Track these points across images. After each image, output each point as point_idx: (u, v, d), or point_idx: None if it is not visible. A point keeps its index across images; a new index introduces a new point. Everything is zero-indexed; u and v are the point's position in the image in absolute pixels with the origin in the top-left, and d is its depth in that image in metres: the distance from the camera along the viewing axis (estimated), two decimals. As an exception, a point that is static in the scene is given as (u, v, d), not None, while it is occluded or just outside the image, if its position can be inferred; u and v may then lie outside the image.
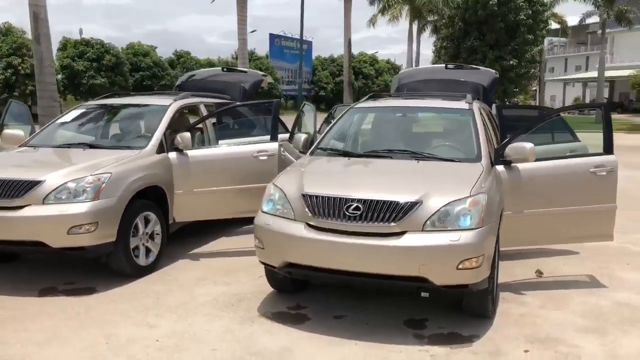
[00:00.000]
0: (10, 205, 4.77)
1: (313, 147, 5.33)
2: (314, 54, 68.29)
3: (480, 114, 5.42)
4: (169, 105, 6.29)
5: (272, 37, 65.09)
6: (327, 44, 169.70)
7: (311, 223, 4.05)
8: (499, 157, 4.85)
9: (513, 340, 4.01)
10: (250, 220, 7.14)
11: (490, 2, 30.12)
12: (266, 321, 4.33)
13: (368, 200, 3.96)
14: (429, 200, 3.93)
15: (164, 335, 4.06)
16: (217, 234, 6.88)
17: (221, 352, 3.81)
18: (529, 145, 4.75)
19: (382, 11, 30.47)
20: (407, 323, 4.29)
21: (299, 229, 4.08)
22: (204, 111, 6.78)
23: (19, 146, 6.17)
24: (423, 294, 4.06)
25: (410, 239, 3.85)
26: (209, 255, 6.13)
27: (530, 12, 30.69)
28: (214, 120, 6.83)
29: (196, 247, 6.36)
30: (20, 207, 4.76)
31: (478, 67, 8.33)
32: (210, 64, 49.57)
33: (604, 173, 5.00)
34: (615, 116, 27.94)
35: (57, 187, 4.81)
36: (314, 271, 4.15)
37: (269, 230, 4.24)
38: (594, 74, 54.83)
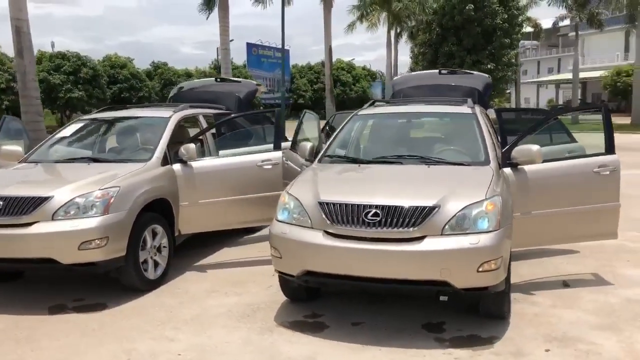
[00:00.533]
0: (18, 222, 4.70)
1: (320, 155, 5.35)
2: (291, 62, 68.43)
3: (483, 118, 5.50)
4: (170, 117, 6.26)
5: (250, 46, 65.04)
6: (303, 51, 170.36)
7: (329, 230, 4.06)
8: (506, 159, 4.92)
9: (532, 339, 4.07)
10: (251, 230, 7.25)
11: (467, 8, 30.57)
12: (285, 330, 4.32)
13: (387, 206, 3.98)
14: (446, 205, 3.97)
15: (185, 349, 4.02)
16: (219, 245, 6.86)
17: (246, 363, 3.80)
18: (535, 147, 4.83)
19: (361, 18, 30.68)
20: (426, 327, 4.32)
21: (318, 237, 4.08)
22: (203, 122, 6.77)
23: (18, 162, 6.09)
24: (442, 298, 4.08)
25: (431, 244, 3.88)
26: (215, 266, 6.10)
27: (506, 16, 31.25)
28: (213, 130, 6.83)
29: (201, 259, 6.33)
30: (29, 224, 4.69)
31: (472, 72, 8.45)
32: (188, 74, 49.28)
33: (607, 172, 5.10)
34: (588, 117, 28.48)
35: (66, 203, 4.75)
36: (333, 278, 4.16)
37: (286, 239, 4.24)
38: (566, 75, 55.94)
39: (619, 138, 6.02)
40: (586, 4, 37.28)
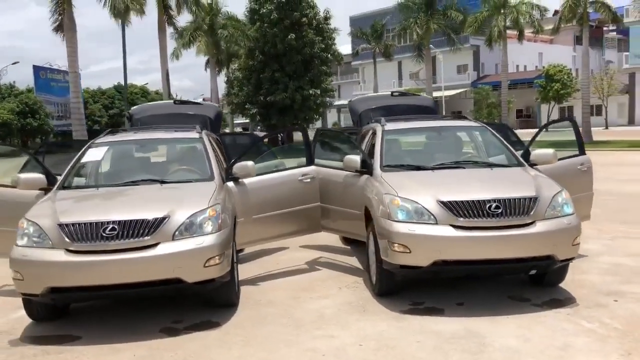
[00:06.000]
0: (143, 244, 4.57)
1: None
2: (83, 86, 64.11)
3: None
4: (200, 136, 6.36)
5: (37, 69, 59.78)
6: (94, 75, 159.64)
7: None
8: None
9: (597, 294, 5.27)
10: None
11: (289, 37, 32.54)
12: (415, 317, 4.94)
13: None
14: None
15: (356, 341, 4.42)
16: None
17: (422, 342, 4.36)
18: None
19: (189, 44, 30.72)
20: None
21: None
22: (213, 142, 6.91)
23: (41, 190, 5.67)
24: (531, 272, 5.10)
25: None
26: (270, 277, 6.38)
27: (323, 45, 33.96)
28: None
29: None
30: (153, 246, 4.59)
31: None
32: None
33: (585, 169, 6.67)
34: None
35: (183, 222, 4.74)
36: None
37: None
38: (346, 101, 62.03)
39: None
40: (381, 37, 42.30)
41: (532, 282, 5.62)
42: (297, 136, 33.35)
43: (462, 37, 38.40)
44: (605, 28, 66.90)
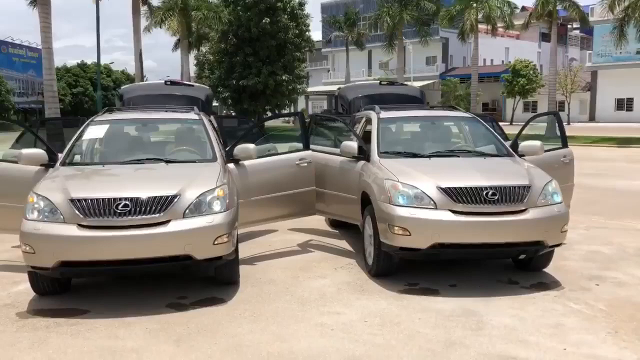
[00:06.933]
0: (155, 221, 4.67)
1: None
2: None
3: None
4: (200, 118, 6.45)
5: (-2, 43, 57.65)
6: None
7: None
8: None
9: (580, 279, 5.62)
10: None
11: (264, 21, 32.39)
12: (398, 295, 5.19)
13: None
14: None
15: (364, 316, 4.64)
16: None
17: (424, 319, 4.61)
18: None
19: (160, 23, 30.21)
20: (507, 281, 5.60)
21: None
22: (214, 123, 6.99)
23: (41, 165, 5.70)
24: (521, 257, 5.41)
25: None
26: (266, 257, 6.55)
27: (297, 31, 33.91)
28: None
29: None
30: (165, 223, 4.70)
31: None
32: None
33: (568, 161, 7.03)
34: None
35: (193, 200, 4.85)
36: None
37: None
38: (315, 88, 62.29)
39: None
40: (354, 26, 42.47)
41: (518, 267, 5.93)
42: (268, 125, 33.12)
43: (432, 28, 38.85)
44: (569, 26, 68.62)
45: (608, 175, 14.56)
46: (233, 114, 37.38)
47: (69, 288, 5.33)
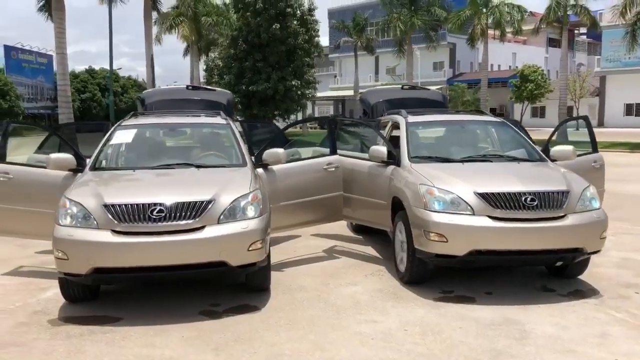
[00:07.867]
0: (190, 227, 4.59)
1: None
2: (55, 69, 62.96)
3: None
4: (227, 122, 6.39)
5: (8, 49, 58.15)
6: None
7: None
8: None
9: (617, 287, 5.50)
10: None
11: (273, 27, 32.38)
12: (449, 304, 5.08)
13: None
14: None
15: (402, 325, 4.54)
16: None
17: (464, 328, 4.50)
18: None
19: (170, 29, 30.28)
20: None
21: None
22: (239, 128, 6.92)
23: (69, 170, 5.64)
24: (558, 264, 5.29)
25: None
26: (293, 264, 6.47)
27: (307, 37, 33.88)
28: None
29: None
30: (200, 229, 4.62)
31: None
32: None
33: (598, 166, 6.92)
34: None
35: (228, 206, 4.77)
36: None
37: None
38: (322, 93, 62.15)
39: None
40: (363, 31, 42.43)
41: (552, 274, 5.82)
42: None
43: (439, 34, 38.77)
44: (576, 31, 68.41)
45: (625, 180, 14.38)
46: (239, 119, 37.32)
47: (98, 294, 5.25)
